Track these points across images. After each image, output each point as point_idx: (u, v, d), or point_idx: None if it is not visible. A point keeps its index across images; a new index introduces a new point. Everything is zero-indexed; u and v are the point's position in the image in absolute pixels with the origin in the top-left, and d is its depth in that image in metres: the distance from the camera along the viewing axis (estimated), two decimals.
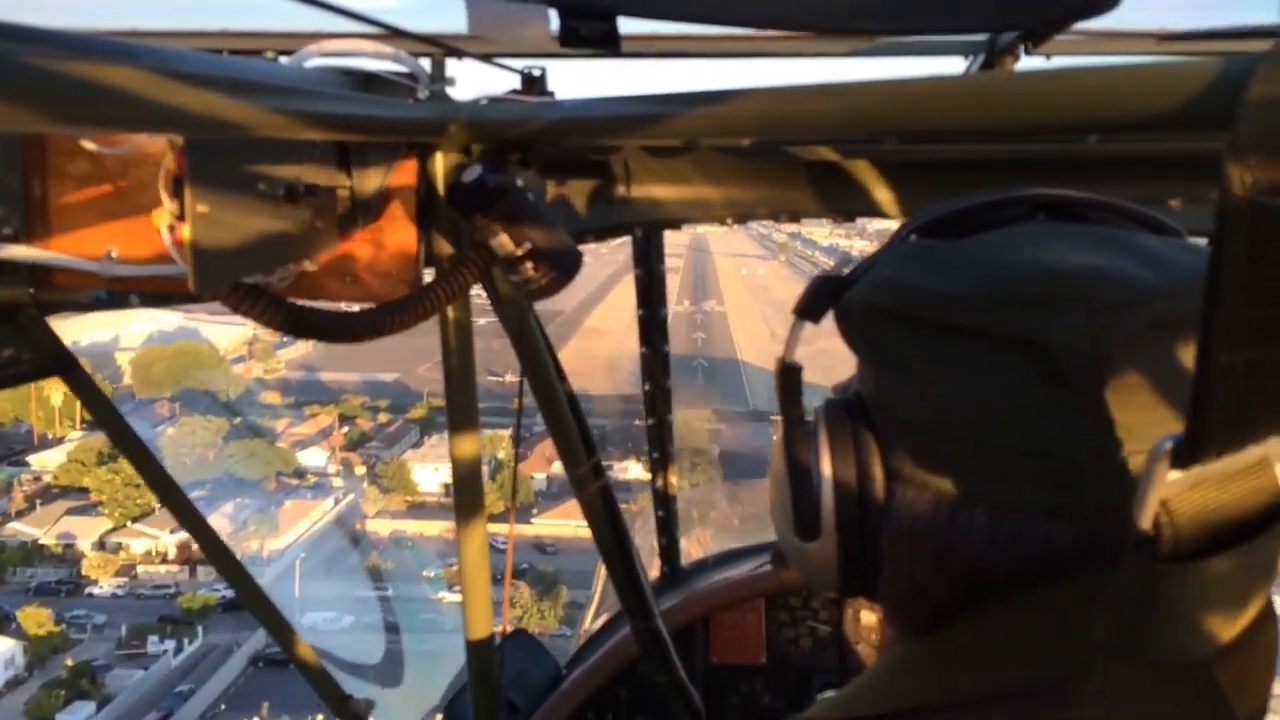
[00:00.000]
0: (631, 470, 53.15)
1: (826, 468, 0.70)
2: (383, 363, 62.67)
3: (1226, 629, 0.48)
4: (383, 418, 60.25)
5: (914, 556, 0.67)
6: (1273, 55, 0.42)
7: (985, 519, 0.63)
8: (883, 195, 1.51)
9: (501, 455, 46.47)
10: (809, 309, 0.74)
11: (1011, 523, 0.63)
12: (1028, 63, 1.47)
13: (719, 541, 3.23)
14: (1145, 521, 0.47)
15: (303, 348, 69.21)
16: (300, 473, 47.55)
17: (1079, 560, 0.61)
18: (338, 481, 48.92)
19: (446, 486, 49.82)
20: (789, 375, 0.75)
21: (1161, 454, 0.45)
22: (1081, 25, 1.35)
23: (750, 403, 59.78)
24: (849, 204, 1.53)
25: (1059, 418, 0.61)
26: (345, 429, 56.61)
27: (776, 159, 1.49)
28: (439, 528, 46.30)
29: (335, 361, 66.39)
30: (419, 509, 48.74)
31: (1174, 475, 0.45)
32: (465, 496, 1.64)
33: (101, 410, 1.52)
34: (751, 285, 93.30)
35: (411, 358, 64.12)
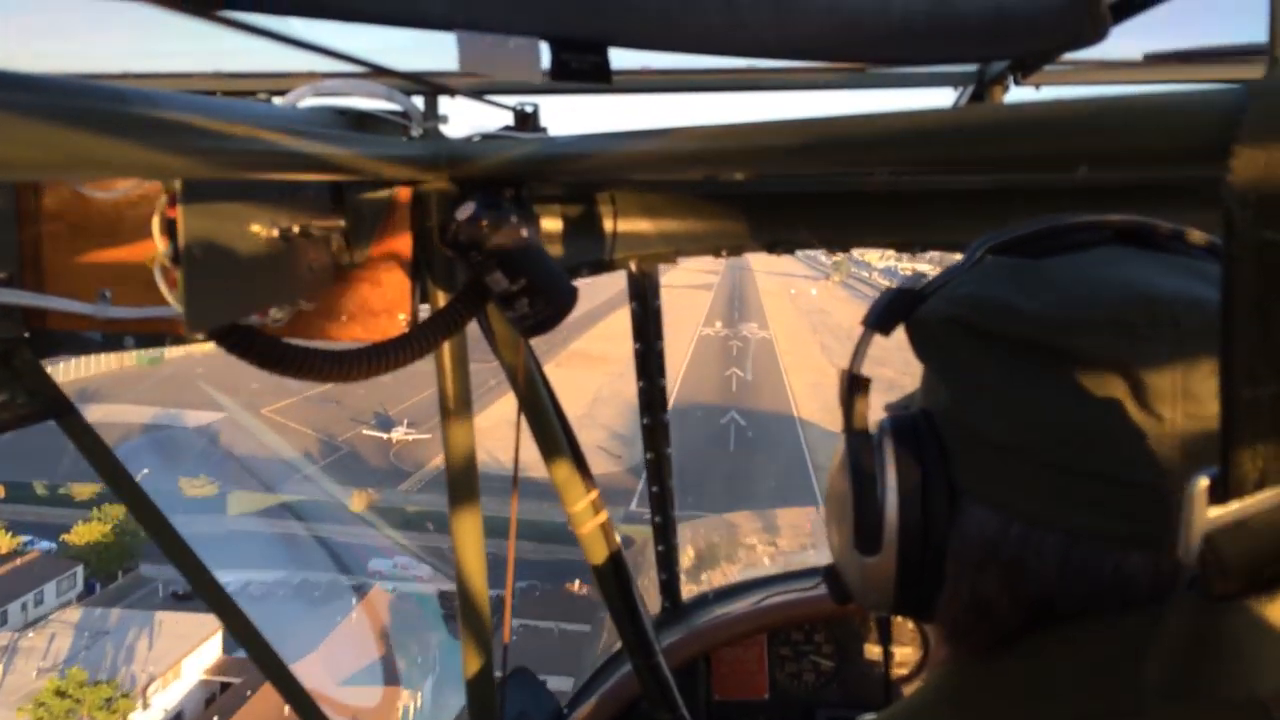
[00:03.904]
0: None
1: (891, 479, 0.69)
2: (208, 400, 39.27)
3: None
4: (6, 543, 25.49)
5: (979, 575, 0.66)
6: (1262, 86, 0.42)
7: (1057, 542, 0.62)
8: (875, 227, 1.51)
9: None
10: (881, 321, 0.73)
11: (1084, 548, 0.62)
12: (1017, 93, 1.48)
13: None
14: (1190, 558, 0.46)
15: (110, 360, 45.11)
16: None
17: (1150, 591, 0.60)
18: None
19: None
20: (854, 387, 0.73)
21: (1198, 490, 0.44)
22: (1070, 55, 1.36)
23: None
24: (842, 236, 1.53)
25: (1142, 445, 0.60)
26: None
27: (769, 192, 1.49)
28: None
29: (135, 390, 41.98)
30: None
31: (1216, 511, 0.44)
32: (463, 537, 1.62)
33: (97, 455, 1.50)
34: (804, 308, 78.91)
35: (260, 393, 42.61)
